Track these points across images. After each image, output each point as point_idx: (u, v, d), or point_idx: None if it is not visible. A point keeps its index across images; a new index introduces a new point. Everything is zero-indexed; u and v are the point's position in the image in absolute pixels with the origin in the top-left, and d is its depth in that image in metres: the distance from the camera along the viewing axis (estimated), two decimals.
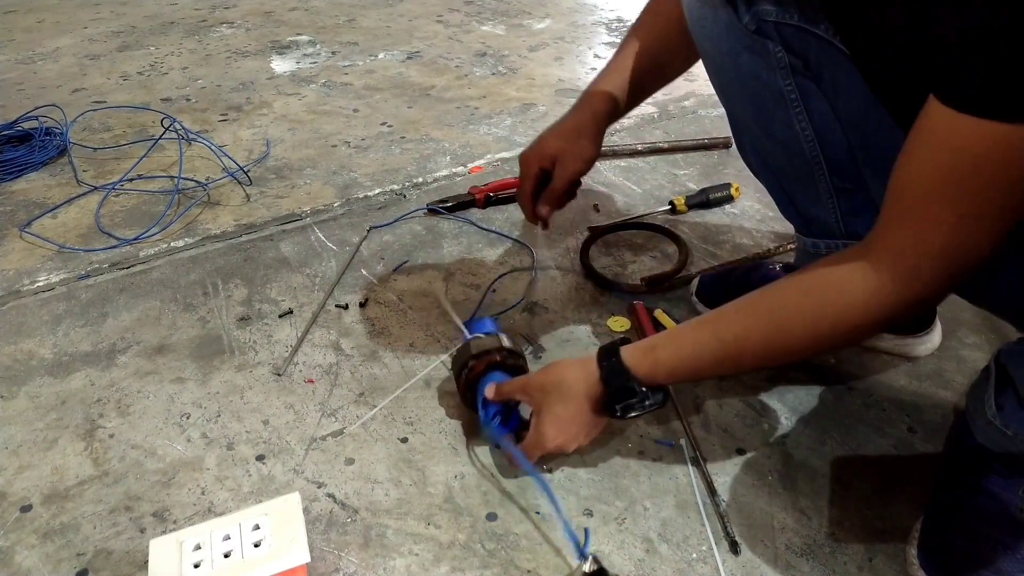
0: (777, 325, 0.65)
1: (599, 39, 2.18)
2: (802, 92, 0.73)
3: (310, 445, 0.85)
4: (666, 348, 0.71)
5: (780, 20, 0.69)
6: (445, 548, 0.73)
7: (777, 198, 0.88)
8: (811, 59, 0.70)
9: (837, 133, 0.73)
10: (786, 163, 0.79)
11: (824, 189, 0.78)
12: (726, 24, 0.73)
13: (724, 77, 0.80)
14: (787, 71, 0.72)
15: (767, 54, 0.72)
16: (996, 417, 0.69)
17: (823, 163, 0.76)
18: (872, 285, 0.59)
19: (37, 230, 1.27)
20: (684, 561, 0.72)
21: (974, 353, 0.96)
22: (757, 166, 0.88)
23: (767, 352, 0.67)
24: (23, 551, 0.74)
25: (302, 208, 1.32)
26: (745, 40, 0.72)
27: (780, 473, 0.81)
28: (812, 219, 0.83)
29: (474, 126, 1.64)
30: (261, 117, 1.70)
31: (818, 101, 0.73)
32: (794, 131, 0.75)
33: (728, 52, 0.76)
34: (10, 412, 0.90)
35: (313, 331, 1.02)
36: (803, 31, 0.69)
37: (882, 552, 0.72)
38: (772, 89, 0.73)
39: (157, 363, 0.97)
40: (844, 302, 0.61)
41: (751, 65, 0.74)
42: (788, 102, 0.74)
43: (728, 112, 0.85)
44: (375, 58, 2.06)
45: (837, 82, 0.71)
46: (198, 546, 0.64)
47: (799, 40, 0.70)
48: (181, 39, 2.22)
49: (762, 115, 0.78)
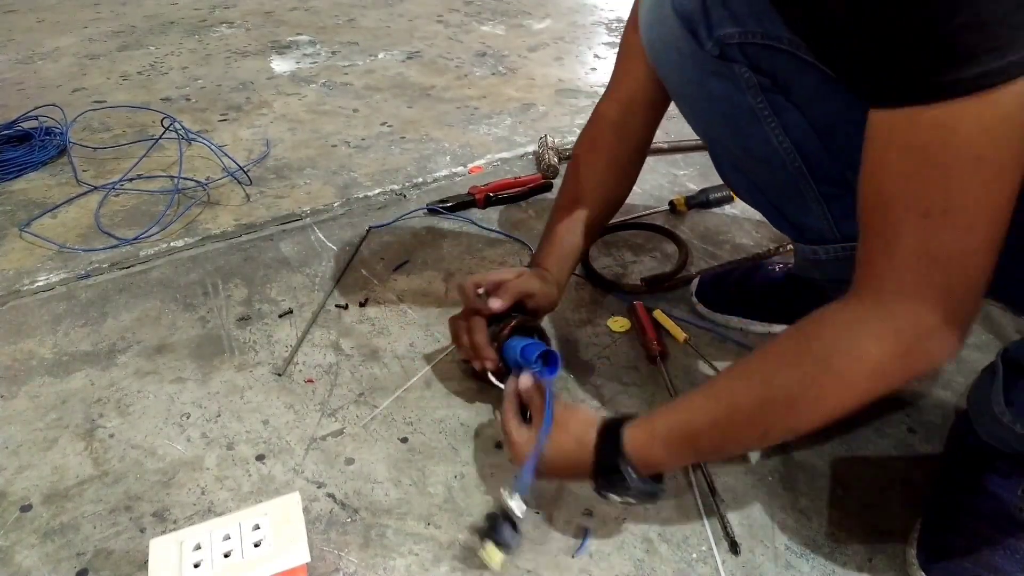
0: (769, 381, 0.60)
1: (599, 39, 2.18)
2: (774, 108, 0.72)
3: (310, 445, 0.85)
4: (662, 415, 0.66)
5: (743, 41, 0.69)
6: (445, 548, 0.73)
7: (767, 213, 0.88)
8: (779, 74, 0.70)
9: (815, 142, 0.73)
10: (770, 178, 0.79)
11: (812, 198, 0.77)
12: (689, 53, 0.73)
13: (694, 105, 0.80)
14: (756, 90, 0.71)
15: (734, 76, 0.71)
16: (1005, 414, 0.68)
17: (807, 173, 0.75)
18: (866, 331, 0.54)
19: (37, 230, 1.27)
20: (684, 561, 0.72)
21: (974, 353, 0.96)
22: (741, 186, 0.87)
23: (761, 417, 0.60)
24: (23, 551, 0.74)
25: (302, 208, 1.32)
26: (710, 66, 0.72)
27: (780, 473, 0.81)
28: (805, 228, 0.82)
29: (474, 126, 1.64)
30: (261, 117, 1.70)
31: (791, 114, 0.72)
32: (772, 146, 0.74)
33: (694, 80, 0.75)
34: (10, 412, 0.90)
35: (313, 331, 1.02)
36: (767, 48, 0.68)
37: (882, 552, 0.72)
38: (744, 109, 0.73)
39: (157, 363, 0.97)
40: (845, 359, 0.56)
41: (720, 89, 0.73)
42: (762, 119, 0.73)
43: (703, 137, 0.84)
44: (375, 58, 2.06)
45: (807, 92, 0.70)
46: (198, 546, 0.64)
47: (764, 57, 0.69)
48: (181, 39, 2.22)
49: (738, 136, 0.77)
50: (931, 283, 0.52)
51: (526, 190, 1.34)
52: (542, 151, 1.44)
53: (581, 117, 1.68)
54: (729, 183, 0.89)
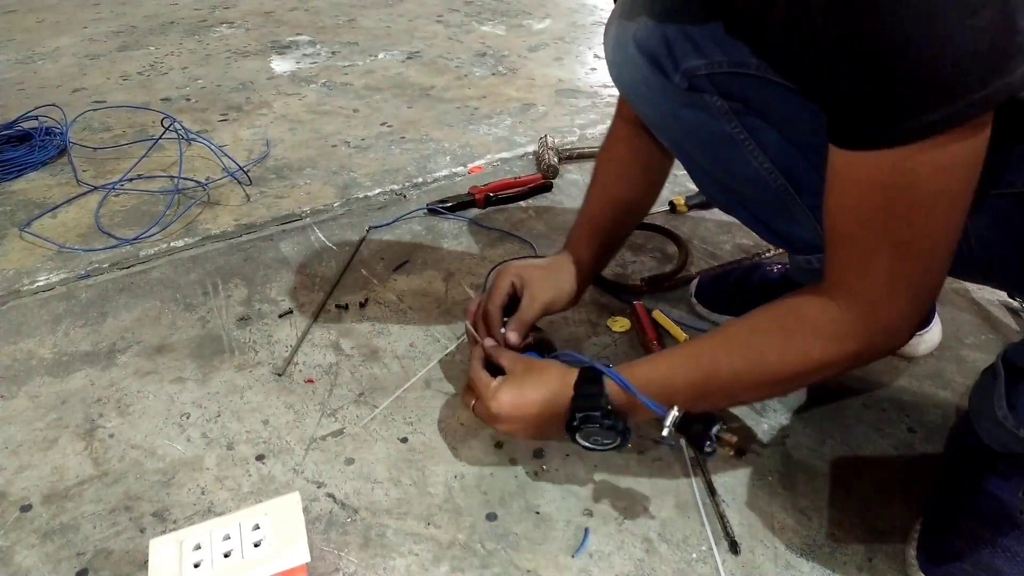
0: (752, 349, 0.66)
1: (599, 39, 2.18)
2: (750, 130, 0.72)
3: (310, 445, 0.85)
4: (641, 365, 0.71)
5: (710, 72, 0.69)
6: (445, 548, 0.73)
7: (756, 229, 0.87)
8: (751, 98, 0.70)
9: (796, 157, 0.73)
10: (754, 196, 0.79)
11: (799, 211, 0.77)
12: (659, 88, 0.73)
13: (671, 134, 0.80)
14: (730, 115, 0.71)
15: (706, 106, 0.71)
16: (1008, 418, 0.69)
17: (790, 189, 0.75)
18: (831, 316, 0.61)
19: (37, 230, 1.27)
20: (684, 561, 0.72)
21: (974, 353, 0.96)
22: (727, 204, 0.87)
23: (739, 377, 0.66)
24: (23, 551, 0.74)
25: (302, 208, 1.32)
26: (681, 99, 0.72)
27: (780, 473, 0.81)
28: (795, 240, 0.82)
29: (474, 126, 1.64)
30: (261, 117, 1.70)
31: (768, 134, 0.72)
32: (753, 168, 0.74)
33: (668, 113, 0.76)
34: (10, 412, 0.90)
35: (313, 331, 1.02)
36: (735, 75, 0.68)
37: (882, 552, 0.72)
38: (720, 135, 0.73)
39: (157, 363, 0.97)
40: (812, 331, 0.63)
41: (693, 119, 0.73)
42: (739, 143, 0.73)
43: (683, 162, 0.84)
44: (375, 58, 2.06)
45: (781, 112, 0.70)
46: (198, 546, 0.64)
47: (734, 84, 0.69)
48: (181, 39, 2.22)
49: (718, 161, 0.77)
50: (900, 294, 0.59)
51: (526, 190, 1.34)
52: (542, 151, 1.44)
53: (581, 117, 1.68)
54: (716, 203, 0.89)
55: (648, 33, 0.71)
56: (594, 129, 1.61)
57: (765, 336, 0.66)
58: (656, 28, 0.70)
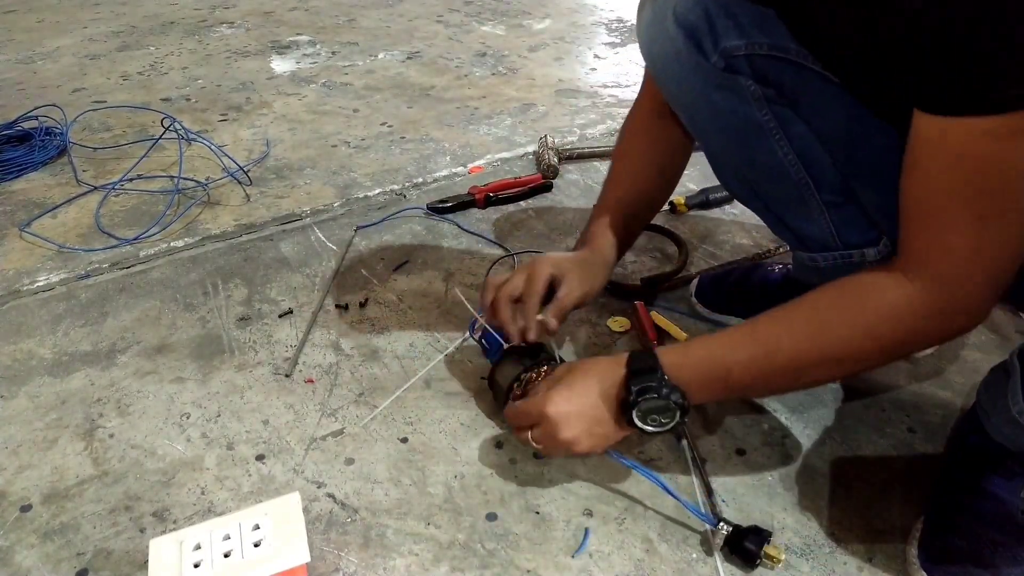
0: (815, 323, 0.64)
1: (599, 39, 2.18)
2: (780, 120, 0.72)
3: (310, 445, 0.85)
4: (699, 343, 0.70)
5: (749, 52, 0.68)
6: (445, 548, 0.73)
7: (768, 221, 0.88)
8: (785, 85, 0.70)
9: (820, 152, 0.73)
10: (773, 188, 0.79)
11: (815, 207, 0.77)
12: (693, 66, 0.72)
13: (697, 116, 0.79)
14: (762, 102, 0.71)
15: (740, 89, 0.71)
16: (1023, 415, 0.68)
17: (811, 183, 0.75)
18: (905, 292, 0.59)
19: (37, 230, 1.27)
20: (684, 561, 0.72)
21: (974, 353, 0.96)
22: (743, 194, 0.87)
23: (803, 354, 0.64)
24: (23, 551, 0.74)
25: (302, 208, 1.32)
26: (715, 79, 0.71)
27: (780, 473, 0.81)
28: (806, 236, 0.82)
29: (474, 126, 1.64)
30: (261, 117, 1.70)
31: (797, 125, 0.72)
32: (777, 158, 0.74)
33: (698, 92, 0.75)
34: (10, 412, 0.90)
35: (313, 331, 1.02)
36: (774, 58, 0.68)
37: (882, 552, 0.72)
38: (750, 122, 0.73)
39: (157, 363, 0.97)
40: (882, 307, 0.61)
41: (724, 102, 0.73)
42: (767, 132, 0.73)
43: (705, 147, 0.83)
44: (375, 58, 2.06)
45: (814, 103, 0.70)
46: (198, 546, 0.64)
47: (771, 68, 0.69)
48: (181, 39, 2.22)
49: (743, 148, 0.77)
50: (981, 272, 0.57)
51: (526, 190, 1.34)
52: (542, 151, 1.44)
53: (581, 117, 1.68)
54: (731, 191, 0.89)
55: (689, 6, 0.71)
56: (594, 129, 1.61)
57: (829, 311, 0.63)
58: (698, 2, 0.70)
